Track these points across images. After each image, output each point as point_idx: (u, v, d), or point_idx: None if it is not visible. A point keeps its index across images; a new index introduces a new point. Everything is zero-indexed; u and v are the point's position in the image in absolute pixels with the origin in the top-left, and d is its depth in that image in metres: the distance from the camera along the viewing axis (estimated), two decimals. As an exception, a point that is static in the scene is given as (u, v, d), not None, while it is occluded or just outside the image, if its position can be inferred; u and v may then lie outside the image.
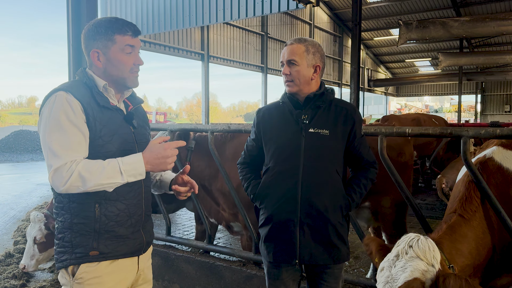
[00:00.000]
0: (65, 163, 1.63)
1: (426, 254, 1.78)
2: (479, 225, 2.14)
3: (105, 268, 1.79)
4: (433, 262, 1.78)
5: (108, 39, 1.78)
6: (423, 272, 1.76)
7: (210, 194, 3.78)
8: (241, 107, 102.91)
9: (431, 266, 1.77)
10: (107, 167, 1.66)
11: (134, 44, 1.82)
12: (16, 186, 11.23)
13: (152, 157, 1.74)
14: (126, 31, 1.80)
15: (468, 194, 2.22)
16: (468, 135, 2.38)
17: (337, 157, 2.16)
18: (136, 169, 1.71)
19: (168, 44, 16.68)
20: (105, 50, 1.78)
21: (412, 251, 1.80)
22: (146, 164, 1.73)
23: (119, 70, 1.81)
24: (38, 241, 3.71)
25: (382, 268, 1.88)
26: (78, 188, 1.63)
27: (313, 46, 2.17)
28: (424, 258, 1.78)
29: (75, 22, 3.88)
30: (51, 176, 1.64)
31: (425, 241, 1.82)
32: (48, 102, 1.71)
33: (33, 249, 3.72)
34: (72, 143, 1.66)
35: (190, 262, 3.63)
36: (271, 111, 2.27)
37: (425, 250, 1.79)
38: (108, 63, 1.80)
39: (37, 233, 3.72)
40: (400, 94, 39.24)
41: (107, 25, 1.79)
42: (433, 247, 1.81)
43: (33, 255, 3.71)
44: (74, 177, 1.61)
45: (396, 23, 19.01)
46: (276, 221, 2.13)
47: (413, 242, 1.83)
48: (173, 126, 3.76)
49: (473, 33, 15.98)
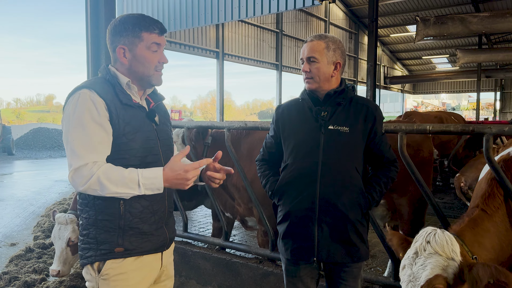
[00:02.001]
0: (86, 163, 1.64)
1: (444, 249, 1.75)
2: (502, 222, 2.09)
3: (130, 265, 1.80)
4: (453, 255, 1.74)
5: (135, 36, 1.78)
6: (444, 267, 1.73)
7: (226, 189, 3.81)
8: (255, 105, 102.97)
9: (451, 260, 1.74)
10: (127, 177, 1.66)
11: (160, 42, 1.82)
12: (35, 182, 11.45)
13: (172, 176, 1.70)
14: (153, 29, 1.80)
15: (490, 191, 2.17)
16: (491, 132, 2.33)
17: (356, 154, 2.13)
18: (154, 184, 1.69)
19: (184, 42, 16.78)
20: (132, 47, 1.79)
21: (430, 247, 1.77)
22: (165, 182, 1.70)
23: (145, 68, 1.82)
24: (73, 243, 3.46)
25: (403, 266, 1.85)
26: (96, 191, 1.66)
27: (334, 42, 2.14)
28: (443, 253, 1.75)
29: (94, 21, 3.93)
30: (71, 176, 1.66)
31: (442, 235, 1.78)
32: (72, 99, 1.72)
33: (66, 252, 3.47)
34: (94, 143, 1.67)
35: (207, 259, 3.65)
36: (291, 108, 2.25)
37: (443, 245, 1.75)
38: (134, 60, 1.80)
39: (71, 234, 3.47)
40: (416, 91, 38.70)
41: (134, 22, 1.79)
42: (450, 240, 1.77)
43: (66, 259, 3.47)
44: (93, 181, 1.63)
45: (413, 20, 18.76)
46: (294, 218, 2.12)
47: (430, 237, 1.79)
48: (190, 124, 3.78)
49: (493, 29, 15.67)
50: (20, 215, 7.39)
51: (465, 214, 2.15)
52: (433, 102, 54.19)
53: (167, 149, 1.96)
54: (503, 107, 32.97)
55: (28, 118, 67.44)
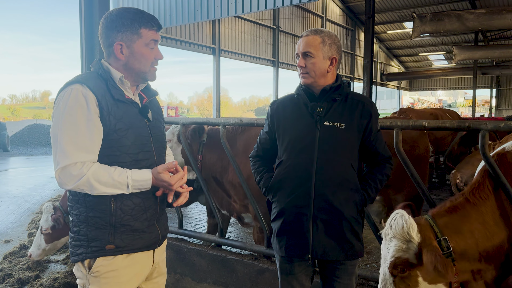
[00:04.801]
0: (75, 162, 1.62)
1: (400, 232, 1.93)
2: (489, 212, 2.10)
3: (121, 262, 1.79)
4: (409, 237, 1.92)
5: (134, 32, 1.76)
6: (403, 249, 1.92)
7: (222, 186, 3.80)
8: (252, 101, 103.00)
9: (409, 241, 1.92)
10: (116, 179, 1.68)
11: (157, 39, 1.82)
12: (30, 179, 11.39)
13: (159, 180, 1.78)
14: (152, 25, 1.79)
15: (481, 181, 2.18)
16: (487, 128, 2.32)
17: (352, 151, 2.11)
18: (142, 186, 1.76)
19: (180, 38, 16.70)
20: (130, 44, 1.76)
21: (391, 231, 1.97)
22: (153, 184, 1.79)
23: (141, 64, 1.80)
24: (44, 232, 3.75)
25: (382, 249, 2.05)
26: (84, 191, 1.67)
27: (330, 37, 2.11)
28: (400, 236, 1.93)
29: (88, 16, 3.88)
30: (58, 174, 1.64)
31: (400, 219, 1.95)
32: (64, 94, 1.69)
33: (40, 239, 3.79)
34: (84, 141, 1.65)
35: (202, 256, 3.63)
36: (286, 103, 2.23)
37: (399, 228, 1.94)
38: (131, 56, 1.78)
39: (43, 223, 3.76)
40: (413, 88, 38.76)
41: (133, 17, 1.76)
42: (406, 223, 1.93)
43: (39, 245, 3.78)
44: (83, 182, 1.63)
45: (410, 16, 18.74)
46: (289, 215, 2.10)
47: (391, 221, 1.99)
48: (185, 120, 3.76)
49: (489, 26, 15.68)
50: (14, 212, 7.34)
51: (449, 199, 2.20)
52: (429, 99, 54.37)
53: (160, 145, 1.94)
54: (499, 104, 33.05)
55: (23, 115, 67.17)
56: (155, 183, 1.78)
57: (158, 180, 1.77)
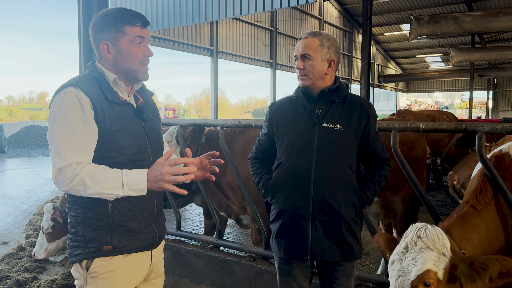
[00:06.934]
0: (70, 164, 1.62)
1: (435, 244, 1.75)
2: (491, 217, 2.10)
3: (118, 263, 1.79)
4: (444, 250, 1.75)
5: (118, 30, 1.75)
6: (435, 263, 1.74)
7: (220, 188, 3.79)
8: (250, 103, 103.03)
9: (442, 255, 1.74)
10: (111, 177, 1.64)
11: (143, 35, 1.79)
12: (28, 180, 11.35)
13: (152, 176, 1.67)
14: (135, 21, 1.77)
15: (482, 186, 2.18)
16: (484, 130, 2.33)
17: (350, 153, 2.12)
18: (138, 185, 1.66)
19: (178, 39, 16.71)
20: (115, 42, 1.76)
21: (421, 242, 1.77)
22: (148, 182, 1.68)
23: (129, 62, 1.79)
24: (45, 232, 3.96)
25: (392, 261, 1.84)
26: (79, 192, 1.64)
27: (328, 40, 2.13)
28: (434, 247, 1.75)
29: (86, 17, 3.89)
30: (55, 176, 1.65)
31: (433, 230, 1.79)
32: (58, 98, 1.70)
33: (42, 238, 3.98)
34: (79, 143, 1.65)
35: (200, 257, 3.63)
36: (284, 105, 2.24)
37: (434, 239, 1.76)
38: (118, 55, 1.78)
39: (45, 223, 3.95)
40: (410, 90, 38.87)
41: (116, 16, 1.76)
42: (441, 235, 1.78)
43: (42, 244, 3.99)
44: (77, 181, 1.61)
45: (407, 18, 18.83)
46: (288, 217, 2.11)
47: (421, 232, 1.80)
48: (183, 121, 3.76)
49: (486, 28, 15.72)
50: (12, 213, 7.32)
51: (454, 210, 2.16)
52: (426, 100, 54.52)
53: (156, 146, 1.94)
54: (496, 106, 33.20)
55: (20, 116, 66.94)
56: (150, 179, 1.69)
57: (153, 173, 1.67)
